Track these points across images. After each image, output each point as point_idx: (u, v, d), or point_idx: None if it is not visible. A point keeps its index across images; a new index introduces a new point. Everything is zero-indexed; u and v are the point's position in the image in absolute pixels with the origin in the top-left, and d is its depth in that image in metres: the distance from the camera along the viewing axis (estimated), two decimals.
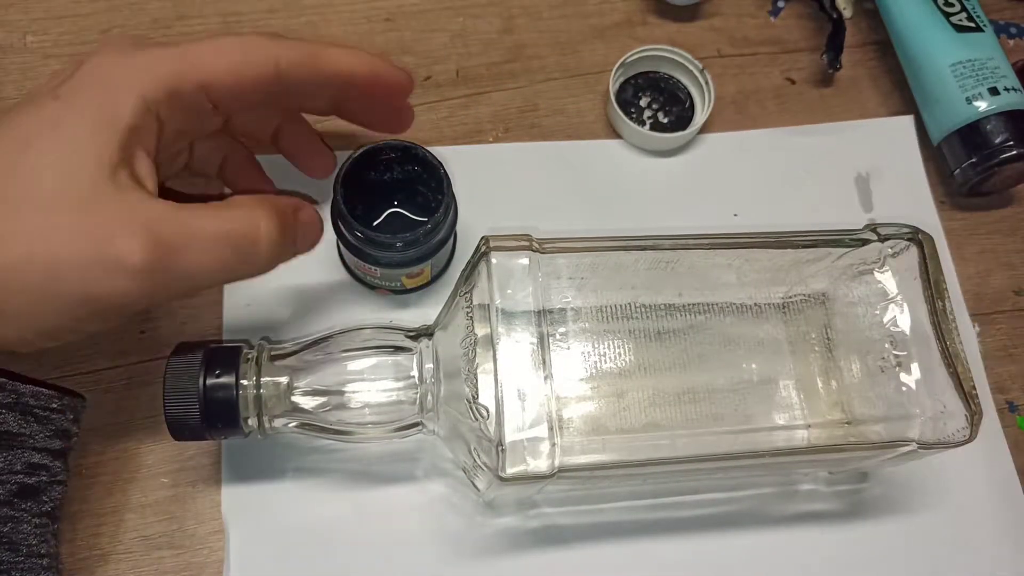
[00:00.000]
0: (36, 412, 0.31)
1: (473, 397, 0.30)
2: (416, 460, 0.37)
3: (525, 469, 0.29)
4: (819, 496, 0.39)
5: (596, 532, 0.37)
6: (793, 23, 0.50)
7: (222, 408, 0.31)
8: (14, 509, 0.30)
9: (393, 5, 0.47)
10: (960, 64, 0.44)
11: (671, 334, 0.35)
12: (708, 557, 0.37)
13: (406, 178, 0.38)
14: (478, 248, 0.32)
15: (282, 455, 0.36)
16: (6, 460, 0.30)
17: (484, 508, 0.36)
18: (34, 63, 0.43)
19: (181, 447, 0.36)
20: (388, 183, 0.38)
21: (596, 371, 0.33)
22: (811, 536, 0.38)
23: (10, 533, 0.29)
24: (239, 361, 0.31)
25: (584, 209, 0.43)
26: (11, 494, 0.30)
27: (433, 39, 0.47)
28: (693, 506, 0.38)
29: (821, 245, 0.35)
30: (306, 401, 0.32)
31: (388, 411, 0.32)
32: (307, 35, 0.46)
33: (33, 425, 0.31)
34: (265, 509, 0.36)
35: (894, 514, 0.39)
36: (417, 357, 0.33)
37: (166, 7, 0.46)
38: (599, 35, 0.48)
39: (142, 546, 0.35)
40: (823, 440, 0.34)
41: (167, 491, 0.36)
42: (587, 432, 0.32)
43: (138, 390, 0.37)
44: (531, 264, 0.31)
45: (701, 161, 0.45)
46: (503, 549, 0.36)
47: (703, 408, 0.34)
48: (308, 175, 0.39)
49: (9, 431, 0.30)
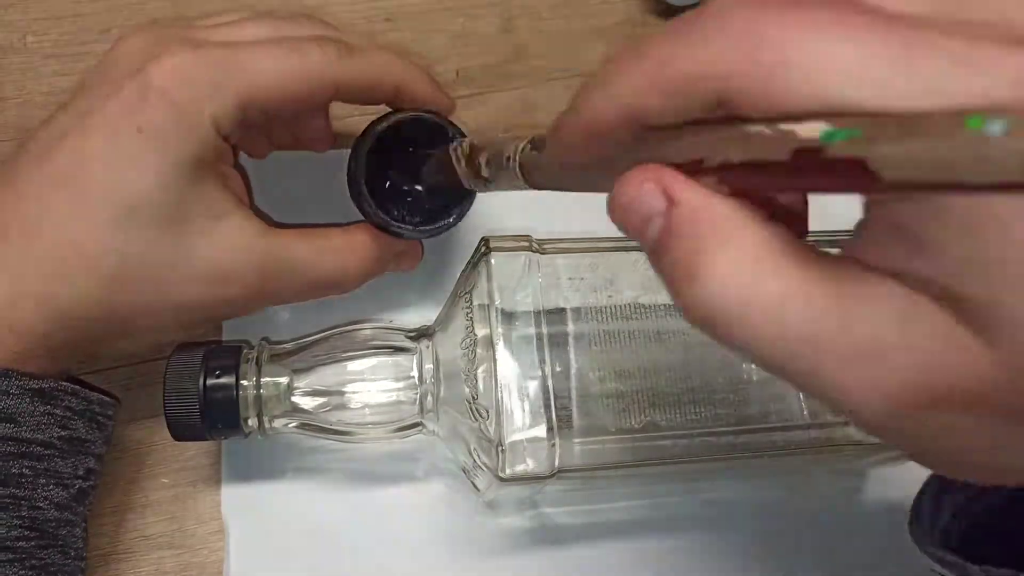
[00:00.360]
0: (99, 419, 0.31)
1: (473, 397, 0.30)
2: (416, 460, 0.37)
3: (525, 469, 0.29)
4: (819, 496, 0.39)
5: (596, 532, 0.37)
6: None
7: (222, 408, 0.31)
8: (72, 513, 0.30)
9: (393, 5, 0.47)
10: None
11: (671, 334, 0.35)
12: (708, 557, 0.37)
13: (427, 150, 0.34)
14: (478, 249, 0.32)
15: (282, 455, 0.36)
16: (73, 465, 0.30)
17: (484, 508, 0.36)
18: (34, 63, 0.43)
19: (181, 447, 0.36)
20: (412, 159, 0.34)
21: (596, 371, 0.33)
22: (811, 536, 0.38)
23: (66, 536, 0.30)
24: (239, 361, 0.31)
25: (584, 209, 0.43)
26: (71, 498, 0.30)
27: (433, 39, 0.47)
28: (693, 506, 0.38)
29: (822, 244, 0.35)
30: (306, 401, 0.32)
31: (388, 411, 0.33)
32: None
33: (95, 432, 0.31)
34: (265, 509, 0.36)
35: (894, 514, 0.39)
36: (417, 357, 0.33)
37: (166, 7, 0.46)
38: (599, 35, 0.48)
39: (142, 546, 0.35)
40: (823, 440, 0.34)
41: (167, 491, 0.36)
42: (587, 432, 0.32)
43: (138, 390, 0.37)
44: (531, 264, 0.31)
45: None
46: (503, 549, 0.36)
47: (703, 408, 0.34)
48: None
49: (79, 437, 0.30)
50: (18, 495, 0.28)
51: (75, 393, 0.30)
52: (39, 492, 0.29)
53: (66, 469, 0.30)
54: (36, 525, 0.29)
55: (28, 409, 0.28)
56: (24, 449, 0.28)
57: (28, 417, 0.28)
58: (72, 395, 0.30)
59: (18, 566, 0.28)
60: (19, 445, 0.28)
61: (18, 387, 0.28)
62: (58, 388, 0.29)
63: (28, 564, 0.28)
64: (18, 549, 0.28)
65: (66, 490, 0.30)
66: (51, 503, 0.29)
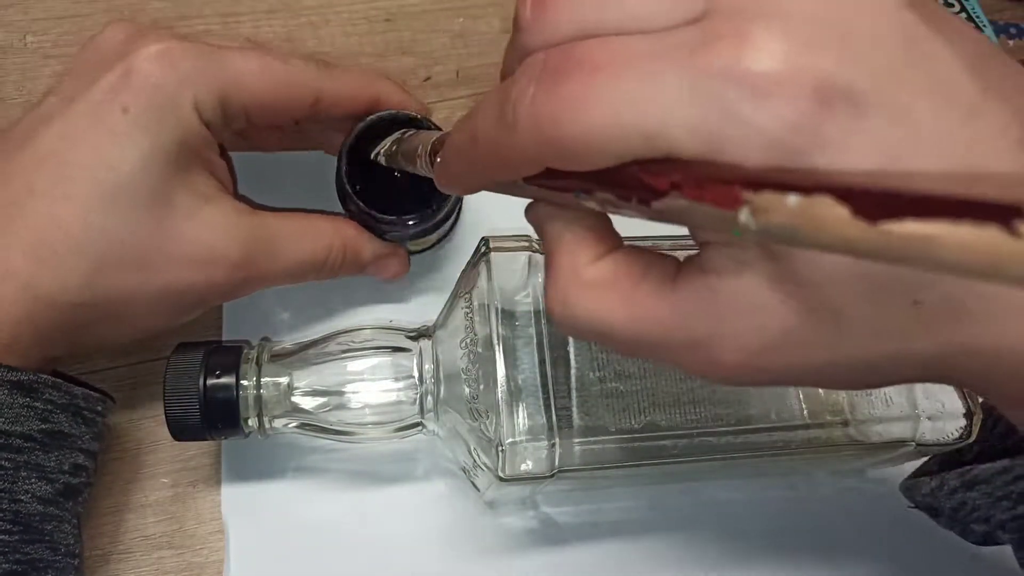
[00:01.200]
0: (84, 414, 0.31)
1: (473, 397, 0.30)
2: (416, 460, 0.37)
3: (525, 469, 0.29)
4: (819, 496, 0.39)
5: (596, 532, 0.37)
6: None
7: (222, 408, 0.31)
8: (59, 508, 0.30)
9: (393, 5, 0.47)
10: None
11: None
12: (708, 557, 0.37)
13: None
14: (478, 249, 0.32)
15: (282, 455, 0.36)
16: (57, 459, 0.30)
17: (484, 508, 0.36)
18: (34, 63, 0.43)
19: (181, 447, 0.36)
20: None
21: (595, 371, 0.33)
22: (811, 536, 0.38)
23: (53, 531, 0.30)
24: (239, 361, 0.31)
25: None
26: (58, 493, 0.30)
27: (433, 39, 0.47)
28: (693, 506, 0.38)
29: None
30: (306, 401, 0.32)
31: (388, 411, 0.33)
32: (306, 36, 0.46)
33: (81, 427, 0.31)
34: (265, 509, 0.36)
35: (894, 514, 0.39)
36: (417, 357, 0.33)
37: (166, 7, 0.46)
38: None
39: (142, 546, 0.35)
40: (823, 440, 0.34)
41: (167, 491, 0.36)
42: (587, 432, 0.32)
43: (138, 390, 0.37)
44: (531, 264, 0.31)
45: None
46: (503, 549, 0.36)
47: (703, 408, 0.34)
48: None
49: (62, 431, 0.30)
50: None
51: (56, 386, 0.29)
52: (20, 485, 0.28)
53: (49, 463, 0.29)
54: (19, 519, 0.28)
55: (7, 401, 0.28)
56: (2, 441, 0.28)
57: (7, 409, 0.28)
58: (53, 388, 0.29)
59: (1, 559, 0.28)
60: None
61: None
62: (38, 381, 0.29)
63: (12, 558, 0.28)
64: (0, 542, 0.28)
65: (50, 484, 0.29)
66: (33, 496, 0.29)
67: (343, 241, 0.34)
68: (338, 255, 0.34)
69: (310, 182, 0.39)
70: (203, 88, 0.29)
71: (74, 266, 0.28)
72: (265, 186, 0.38)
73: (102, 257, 0.28)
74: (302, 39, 0.46)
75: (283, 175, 0.40)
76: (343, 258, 0.34)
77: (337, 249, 0.34)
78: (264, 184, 0.38)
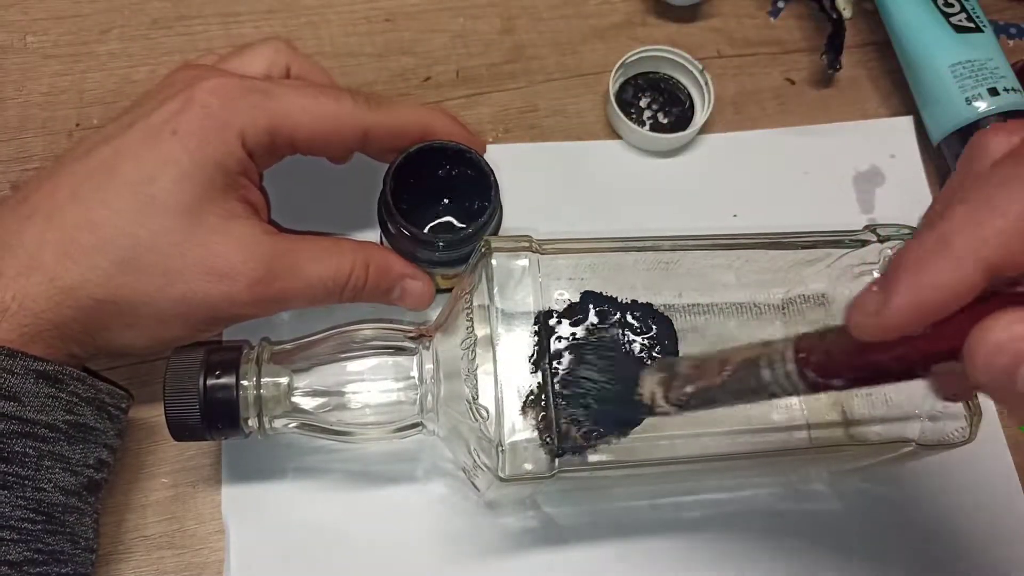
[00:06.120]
0: (109, 409, 0.32)
1: (473, 398, 0.30)
2: (416, 460, 0.37)
3: (525, 469, 0.29)
4: (819, 496, 0.39)
5: (596, 532, 0.37)
6: (793, 24, 0.50)
7: (222, 409, 0.31)
8: (82, 501, 0.31)
9: (393, 5, 0.47)
10: (960, 64, 0.44)
11: None
12: (708, 557, 0.37)
13: (456, 180, 0.37)
14: (478, 249, 0.32)
15: (282, 455, 0.36)
16: (82, 452, 0.30)
17: (484, 508, 0.36)
18: (34, 63, 0.44)
19: (181, 447, 0.36)
20: (438, 182, 0.38)
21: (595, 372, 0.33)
22: (811, 536, 0.38)
23: (74, 524, 0.30)
24: (239, 361, 0.31)
25: (584, 209, 0.43)
26: (81, 487, 0.30)
27: (433, 39, 0.47)
28: (693, 506, 0.38)
29: (821, 246, 0.35)
30: (306, 401, 0.32)
31: (388, 411, 0.33)
32: (306, 36, 0.46)
33: (106, 422, 0.32)
34: (265, 509, 0.36)
35: (894, 514, 0.39)
36: (417, 358, 0.33)
37: (166, 7, 0.46)
38: (599, 35, 0.48)
39: (142, 546, 0.35)
40: (823, 440, 0.34)
41: (167, 491, 0.36)
42: None
43: (138, 390, 0.37)
44: (531, 265, 0.31)
45: (701, 162, 0.45)
46: (503, 549, 0.36)
47: None
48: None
49: (87, 424, 0.31)
50: (21, 474, 0.28)
51: (81, 379, 0.30)
52: (43, 474, 0.29)
53: (74, 455, 0.30)
54: (42, 508, 0.29)
55: (32, 390, 0.28)
56: (27, 429, 0.28)
57: (32, 397, 0.28)
58: (78, 381, 0.30)
59: (23, 547, 0.28)
60: (22, 424, 0.28)
61: (22, 367, 0.28)
62: (63, 372, 0.29)
63: (34, 548, 0.28)
64: (23, 530, 0.28)
65: (75, 477, 0.30)
66: (56, 487, 0.29)
67: (366, 260, 0.34)
68: (361, 273, 0.34)
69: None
70: (251, 119, 0.31)
71: (97, 263, 0.30)
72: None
73: (125, 258, 0.30)
74: (302, 39, 0.46)
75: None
76: (366, 277, 0.34)
77: (360, 267, 0.34)
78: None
